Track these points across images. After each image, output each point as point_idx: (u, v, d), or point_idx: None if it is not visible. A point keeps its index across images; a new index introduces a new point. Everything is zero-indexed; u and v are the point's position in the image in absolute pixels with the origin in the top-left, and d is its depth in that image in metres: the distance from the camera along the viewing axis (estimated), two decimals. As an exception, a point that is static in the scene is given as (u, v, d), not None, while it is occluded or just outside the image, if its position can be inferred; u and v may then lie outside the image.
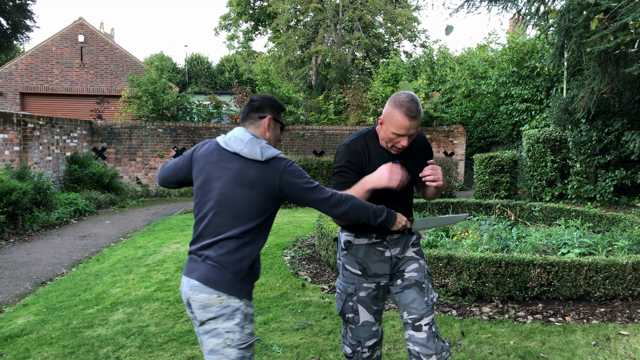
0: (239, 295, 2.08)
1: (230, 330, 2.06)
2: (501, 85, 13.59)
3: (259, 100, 2.31)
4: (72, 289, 5.20)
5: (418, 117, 2.37)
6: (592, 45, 6.91)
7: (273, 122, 2.32)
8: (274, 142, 2.34)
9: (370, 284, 2.54)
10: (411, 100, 2.33)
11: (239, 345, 2.06)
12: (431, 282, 2.54)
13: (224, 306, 2.05)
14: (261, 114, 2.28)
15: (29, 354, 3.60)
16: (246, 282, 2.12)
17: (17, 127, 9.63)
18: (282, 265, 5.80)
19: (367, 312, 2.55)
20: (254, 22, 29.41)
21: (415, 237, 2.63)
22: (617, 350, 3.52)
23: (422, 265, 2.55)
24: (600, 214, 6.72)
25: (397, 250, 2.55)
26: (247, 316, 2.11)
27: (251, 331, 2.12)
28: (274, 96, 2.50)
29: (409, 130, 2.35)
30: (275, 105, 2.33)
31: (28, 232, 8.15)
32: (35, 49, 19.51)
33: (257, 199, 2.10)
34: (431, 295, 2.50)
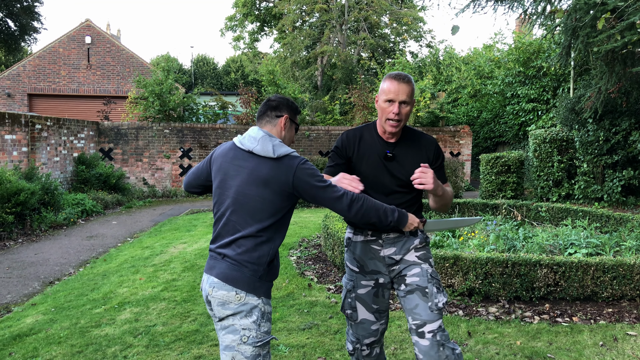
0: (257, 293, 2.10)
1: (246, 328, 2.07)
2: (507, 85, 13.55)
3: (276, 100, 2.33)
4: (79, 289, 5.23)
5: (408, 83, 2.40)
6: (599, 45, 6.88)
7: (289, 122, 2.33)
8: (289, 142, 2.36)
9: (369, 281, 2.54)
10: (400, 71, 2.41)
11: (254, 343, 2.07)
12: (437, 286, 2.43)
13: (242, 303, 2.08)
14: (278, 112, 2.30)
15: (38, 352, 3.63)
16: (264, 280, 2.13)
17: (25, 128, 9.69)
18: (288, 265, 5.81)
19: (365, 310, 2.54)
20: (259, 23, 29.46)
21: (419, 241, 2.53)
22: (625, 350, 3.51)
23: (425, 269, 2.46)
24: (608, 214, 6.69)
25: (392, 250, 2.50)
26: (264, 314, 2.12)
27: (268, 329, 2.13)
28: (291, 98, 2.51)
29: (398, 95, 2.38)
30: (292, 106, 2.36)
31: (36, 233, 8.21)
32: (42, 51, 19.64)
33: (271, 196, 2.11)
34: (436, 300, 2.39)
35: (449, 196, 2.50)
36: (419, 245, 2.53)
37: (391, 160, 2.49)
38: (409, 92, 2.39)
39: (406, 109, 2.41)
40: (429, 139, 2.58)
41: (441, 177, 2.52)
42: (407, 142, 2.53)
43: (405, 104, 2.40)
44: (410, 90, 2.39)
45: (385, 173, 2.51)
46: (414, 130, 2.59)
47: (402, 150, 2.51)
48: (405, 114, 2.42)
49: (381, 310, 2.59)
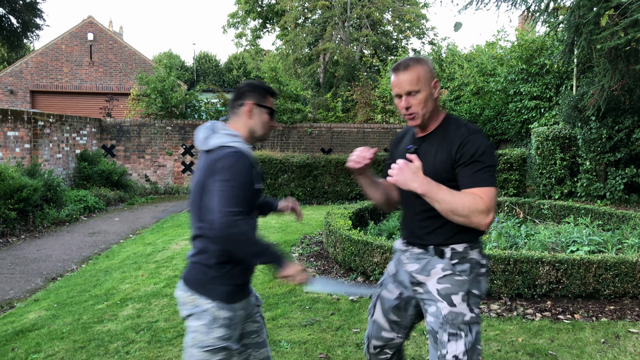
0: (211, 296, 2.00)
1: (196, 330, 2.01)
2: (510, 82, 13.52)
3: (239, 87, 2.15)
4: (82, 285, 5.25)
5: (409, 69, 2.04)
6: (602, 42, 6.86)
7: (257, 108, 2.12)
8: (263, 130, 2.14)
9: (396, 289, 2.26)
10: (403, 59, 2.10)
11: (203, 347, 2.00)
12: (449, 332, 1.99)
13: (195, 305, 2.02)
14: (240, 101, 2.12)
15: (40, 348, 3.64)
16: (218, 283, 2.01)
17: (28, 124, 9.71)
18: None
19: (381, 314, 2.32)
20: (262, 20, 29.46)
21: (443, 266, 2.04)
22: (627, 348, 3.51)
23: (439, 310, 2.03)
24: (610, 212, 6.68)
25: (415, 267, 2.14)
26: (217, 319, 2.00)
27: (222, 336, 2.01)
28: (259, 80, 2.24)
29: (402, 87, 2.05)
30: (257, 90, 2.13)
31: (38, 229, 8.23)
32: (45, 48, 19.66)
33: (204, 194, 1.99)
34: (444, 350, 1.99)
35: (456, 205, 1.91)
36: (441, 273, 2.05)
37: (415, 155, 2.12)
38: (413, 79, 2.03)
39: (416, 99, 2.04)
40: (461, 131, 2.04)
41: (469, 178, 1.96)
42: (438, 136, 2.10)
43: (412, 93, 2.04)
44: (416, 76, 2.03)
45: None
46: (455, 121, 2.11)
47: (428, 146, 2.11)
48: (419, 104, 2.04)
49: (400, 325, 2.29)
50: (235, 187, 1.89)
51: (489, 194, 1.92)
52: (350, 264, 5.25)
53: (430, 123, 2.12)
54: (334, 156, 11.15)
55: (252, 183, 1.97)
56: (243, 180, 1.92)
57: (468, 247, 2.05)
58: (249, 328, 2.22)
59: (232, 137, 2.03)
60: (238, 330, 2.11)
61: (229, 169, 1.90)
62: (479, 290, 2.06)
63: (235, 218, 1.84)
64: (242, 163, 1.94)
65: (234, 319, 2.05)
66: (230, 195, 1.87)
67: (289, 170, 10.82)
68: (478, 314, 2.04)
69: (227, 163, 1.91)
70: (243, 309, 2.12)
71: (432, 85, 2.07)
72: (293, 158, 10.86)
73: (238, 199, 1.88)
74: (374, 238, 5.04)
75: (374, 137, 14.24)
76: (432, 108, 2.08)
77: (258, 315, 2.26)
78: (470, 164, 1.96)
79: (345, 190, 11.06)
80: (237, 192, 1.89)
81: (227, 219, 1.83)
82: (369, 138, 14.22)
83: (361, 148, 2.22)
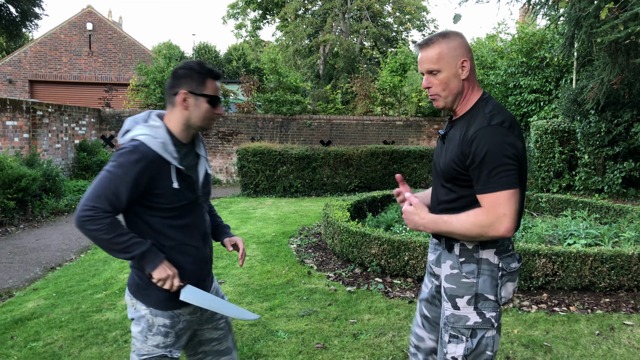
0: (146, 302, 1.91)
1: (134, 336, 1.94)
2: (510, 75, 13.49)
3: (173, 72, 1.92)
4: (81, 274, 5.27)
5: (429, 45, 1.87)
6: (602, 36, 6.84)
7: (192, 97, 1.88)
8: (202, 121, 1.93)
9: (429, 282, 2.18)
10: (428, 36, 1.93)
11: (140, 355, 1.92)
12: (450, 334, 1.93)
13: (134, 310, 1.94)
14: (174, 90, 1.89)
15: (39, 336, 3.67)
16: (154, 288, 1.89)
17: (27, 114, 9.70)
18: (288, 253, 5.84)
19: (418, 308, 2.23)
20: (262, 11, 29.33)
21: (452, 263, 1.94)
22: (621, 339, 3.54)
23: (444, 310, 1.97)
24: (608, 206, 6.70)
25: (432, 257, 2.10)
26: (153, 327, 1.91)
27: (159, 344, 1.91)
28: (199, 60, 1.95)
29: (422, 65, 1.89)
30: (191, 74, 1.88)
31: (37, 219, 8.25)
32: (44, 37, 19.58)
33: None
34: (445, 349, 1.93)
35: (463, 230, 1.81)
36: (449, 270, 1.96)
37: (443, 142, 2.00)
38: (433, 57, 1.85)
39: (438, 79, 1.87)
40: (475, 126, 1.82)
41: (477, 184, 1.82)
42: (463, 122, 1.90)
43: (434, 72, 1.87)
44: (436, 53, 1.84)
45: (437, 158, 2.03)
46: (482, 108, 1.88)
47: (454, 132, 1.93)
48: (440, 84, 1.87)
49: (430, 321, 2.16)
50: (108, 180, 1.76)
51: (497, 201, 1.76)
52: (348, 255, 5.27)
53: (459, 107, 1.93)
54: (333, 148, 11.15)
55: (139, 182, 1.78)
56: (121, 175, 1.76)
57: (478, 245, 1.90)
58: (209, 335, 2.11)
59: (148, 130, 1.85)
60: (183, 337, 2.00)
61: (113, 162, 1.79)
62: (494, 294, 1.89)
63: (86, 214, 1.73)
64: (130, 158, 1.77)
65: (174, 326, 1.94)
66: (97, 188, 1.76)
67: (287, 162, 10.83)
68: (490, 318, 1.89)
69: (116, 155, 1.80)
70: (191, 314, 1.99)
71: (458, 65, 1.86)
72: (292, 150, 10.87)
73: (104, 194, 1.75)
74: (371, 230, 5.06)
75: (373, 129, 14.24)
76: (457, 90, 1.88)
77: (222, 322, 2.14)
78: (477, 167, 1.79)
79: (343, 182, 11.07)
80: (107, 186, 1.75)
81: (81, 214, 1.73)
82: (368, 130, 14.22)
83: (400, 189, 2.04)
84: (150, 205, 1.85)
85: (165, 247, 1.89)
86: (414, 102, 14.81)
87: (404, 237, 4.78)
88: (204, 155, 2.05)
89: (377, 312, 4.03)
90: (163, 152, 1.83)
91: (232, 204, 9.80)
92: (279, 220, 7.88)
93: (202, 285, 2.03)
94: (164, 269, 1.83)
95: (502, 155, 1.76)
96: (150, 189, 1.82)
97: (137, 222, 1.88)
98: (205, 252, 2.03)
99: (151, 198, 1.84)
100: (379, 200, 7.43)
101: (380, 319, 3.89)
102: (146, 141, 1.82)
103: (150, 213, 1.86)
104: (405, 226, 5.81)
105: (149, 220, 1.87)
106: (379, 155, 11.20)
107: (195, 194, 1.95)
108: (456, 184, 1.90)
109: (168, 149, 1.85)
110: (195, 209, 1.97)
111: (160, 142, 1.84)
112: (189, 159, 1.97)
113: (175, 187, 1.85)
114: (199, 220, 1.99)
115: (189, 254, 1.94)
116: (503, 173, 1.76)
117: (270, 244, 6.32)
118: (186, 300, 1.89)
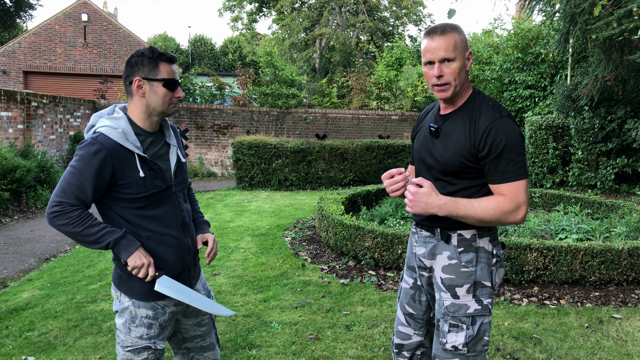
0: (129, 294, 1.92)
1: (118, 328, 1.96)
2: (505, 71, 13.53)
3: (127, 61, 1.90)
4: (75, 265, 5.28)
5: (445, 34, 1.85)
6: (596, 32, 6.89)
7: (147, 83, 1.87)
8: (163, 106, 1.91)
9: (409, 278, 2.17)
10: (439, 24, 1.91)
11: (124, 347, 1.93)
12: (450, 323, 1.95)
13: (119, 302, 1.95)
14: (129, 78, 1.88)
15: (34, 326, 3.69)
16: (135, 279, 1.90)
17: (21, 105, 9.66)
18: (282, 246, 5.87)
19: (399, 306, 2.22)
20: (258, 4, 29.21)
21: (450, 254, 1.96)
22: (610, 332, 3.59)
23: (442, 300, 1.98)
24: (600, 201, 6.77)
25: (422, 251, 2.07)
26: (137, 318, 1.92)
27: (143, 335, 1.92)
28: (151, 46, 1.96)
29: (436, 53, 1.85)
30: (143, 60, 1.87)
31: (32, 210, 8.24)
32: (38, 28, 19.45)
33: None
34: (444, 339, 1.96)
35: (482, 215, 1.84)
36: (447, 261, 1.97)
37: (436, 136, 1.99)
38: (450, 45, 1.84)
39: (451, 68, 1.86)
40: (487, 114, 1.87)
41: (495, 173, 1.86)
42: (462, 115, 1.93)
43: (448, 61, 1.86)
44: (452, 42, 1.84)
45: (427, 152, 2.01)
46: (482, 100, 1.93)
47: (452, 125, 1.95)
48: (452, 74, 1.86)
49: (416, 318, 2.17)
50: (71, 174, 1.79)
51: (517, 189, 1.83)
52: (342, 248, 5.31)
53: (458, 98, 1.95)
54: (329, 142, 11.17)
55: (101, 173, 1.79)
56: (83, 168, 1.78)
57: (476, 234, 1.95)
58: (193, 332, 2.13)
59: (109, 121, 1.86)
60: (167, 329, 2.00)
61: (75, 157, 1.81)
62: (490, 281, 1.96)
63: (54, 209, 1.77)
64: (90, 150, 1.79)
65: (157, 317, 1.95)
66: (63, 184, 1.79)
67: (283, 156, 10.84)
68: (487, 304, 1.96)
69: (78, 149, 1.82)
70: (176, 306, 2.00)
71: (466, 56, 1.90)
72: (287, 143, 10.88)
73: (69, 188, 1.78)
74: (365, 223, 5.10)
75: (368, 123, 14.26)
76: (463, 81, 1.90)
77: (206, 318, 2.15)
78: (496, 158, 1.83)
79: (338, 176, 11.10)
80: (70, 180, 1.79)
81: (49, 211, 1.77)
82: (364, 125, 14.24)
83: (388, 180, 1.97)
84: (120, 197, 1.86)
85: (142, 238, 1.90)
86: (409, 96, 14.84)
87: (398, 231, 4.81)
88: (174, 144, 2.04)
89: (370, 304, 4.07)
90: (124, 142, 1.84)
91: (227, 196, 9.82)
92: (273, 213, 7.91)
93: (186, 275, 2.03)
94: (139, 256, 1.84)
95: (519, 146, 1.84)
96: (117, 179, 1.83)
97: (112, 215, 1.90)
98: (187, 241, 2.01)
99: (119, 189, 1.85)
100: (374, 194, 7.47)
101: (373, 311, 3.93)
102: (106, 132, 1.83)
103: (123, 205, 1.87)
104: (402, 216, 5.85)
105: (122, 212, 1.88)
106: (374, 149, 11.23)
107: (166, 183, 1.95)
108: (459, 176, 1.93)
109: (129, 138, 1.86)
110: (168, 198, 1.96)
111: (120, 131, 1.84)
112: (157, 147, 1.97)
113: (141, 176, 1.85)
114: (174, 209, 1.98)
115: (169, 244, 1.94)
116: (520, 163, 1.84)
117: (264, 236, 6.35)
118: (160, 291, 1.88)
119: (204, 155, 13.88)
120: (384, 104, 16.09)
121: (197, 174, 13.70)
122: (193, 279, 2.08)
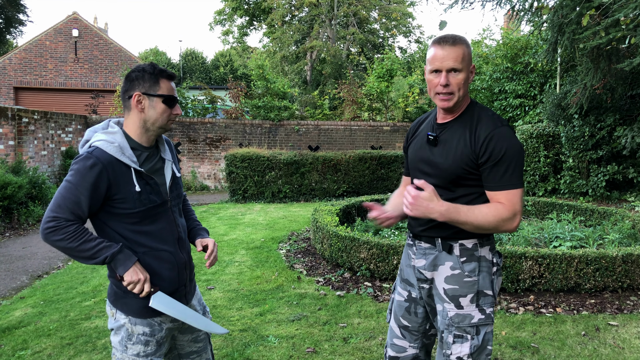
0: (125, 311, 1.90)
1: (114, 346, 1.93)
2: (495, 81, 13.66)
3: (127, 75, 1.91)
4: (68, 282, 5.23)
5: (456, 45, 1.88)
6: (584, 42, 6.98)
7: (147, 98, 1.88)
8: (161, 122, 1.92)
9: (403, 290, 2.16)
10: (447, 34, 1.94)
11: None
12: (455, 334, 1.95)
13: (115, 320, 1.93)
14: (128, 93, 1.89)
15: (27, 345, 3.64)
16: (132, 296, 1.89)
17: (12, 121, 9.61)
18: (277, 259, 5.85)
19: (394, 319, 2.21)
20: (248, 17, 29.36)
21: (453, 264, 1.96)
22: (606, 340, 3.60)
23: (445, 311, 1.97)
24: (592, 208, 6.81)
25: (422, 263, 2.05)
26: (133, 336, 1.90)
27: (139, 353, 1.90)
28: (151, 62, 1.97)
29: (445, 62, 1.88)
30: (144, 75, 1.88)
31: (23, 227, 8.16)
32: (29, 44, 19.41)
33: None
34: (448, 351, 1.95)
35: (480, 222, 1.85)
36: (450, 272, 1.97)
37: (434, 144, 2.00)
38: (459, 56, 1.88)
39: (458, 78, 1.89)
40: (487, 123, 1.91)
41: (493, 181, 1.89)
42: (461, 124, 1.96)
43: (455, 71, 1.89)
44: (461, 54, 1.88)
45: (425, 160, 2.03)
46: (480, 110, 1.98)
47: (450, 133, 1.97)
48: (458, 84, 1.89)
49: (411, 331, 2.15)
50: (66, 189, 1.77)
51: (514, 197, 1.86)
52: (337, 260, 5.30)
53: (458, 108, 1.98)
54: (321, 153, 11.18)
55: (97, 187, 1.78)
56: (79, 182, 1.77)
57: (477, 243, 1.96)
58: (189, 348, 2.11)
59: (105, 135, 1.86)
60: (164, 345, 1.99)
61: (71, 171, 1.80)
62: (492, 289, 1.97)
63: (49, 225, 1.74)
64: (85, 164, 1.78)
65: (154, 334, 1.93)
66: (58, 199, 1.77)
67: (276, 168, 10.84)
68: (490, 313, 1.96)
69: (73, 164, 1.80)
70: (173, 322, 1.99)
71: (470, 69, 1.95)
72: (280, 155, 10.88)
73: (64, 203, 1.76)
74: (360, 234, 5.09)
75: (360, 134, 14.31)
76: (465, 92, 1.94)
77: (202, 334, 2.14)
78: (495, 165, 1.86)
79: (332, 187, 11.10)
80: (66, 195, 1.77)
81: (44, 226, 1.75)
82: (356, 136, 14.28)
83: (375, 214, 2.04)
84: (116, 212, 1.85)
85: (138, 254, 1.88)
86: (400, 107, 14.92)
87: (393, 241, 4.81)
88: (170, 159, 2.04)
89: (366, 315, 4.06)
90: (120, 156, 1.83)
91: (221, 210, 9.78)
92: (267, 225, 7.89)
93: (182, 291, 2.01)
94: (136, 271, 1.82)
95: (518, 155, 1.88)
96: (113, 194, 1.82)
97: (107, 230, 1.88)
98: (182, 257, 2.00)
99: (115, 204, 1.83)
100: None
101: (370, 323, 3.91)
102: (101, 146, 1.82)
103: (118, 219, 1.86)
104: (396, 227, 5.85)
105: (118, 228, 1.87)
106: (367, 160, 11.26)
107: (162, 198, 1.94)
108: (459, 183, 1.94)
109: (126, 152, 1.85)
110: (164, 213, 1.95)
111: (116, 146, 1.84)
112: (152, 162, 1.96)
113: (137, 191, 1.84)
114: (170, 225, 1.97)
115: (164, 260, 1.93)
116: (517, 172, 1.87)
117: (259, 249, 6.33)
118: (155, 307, 1.86)
119: (196, 168, 13.85)
120: (376, 115, 16.16)
121: (190, 188, 13.65)
122: (189, 294, 2.07)
